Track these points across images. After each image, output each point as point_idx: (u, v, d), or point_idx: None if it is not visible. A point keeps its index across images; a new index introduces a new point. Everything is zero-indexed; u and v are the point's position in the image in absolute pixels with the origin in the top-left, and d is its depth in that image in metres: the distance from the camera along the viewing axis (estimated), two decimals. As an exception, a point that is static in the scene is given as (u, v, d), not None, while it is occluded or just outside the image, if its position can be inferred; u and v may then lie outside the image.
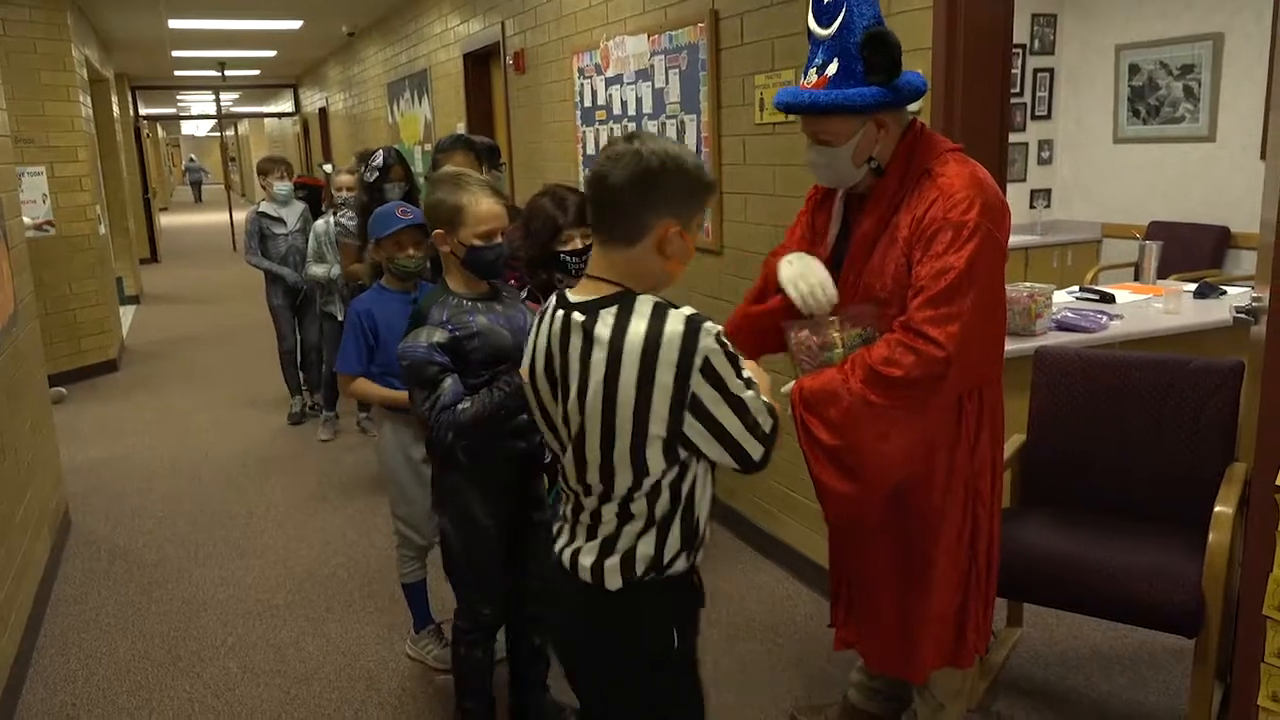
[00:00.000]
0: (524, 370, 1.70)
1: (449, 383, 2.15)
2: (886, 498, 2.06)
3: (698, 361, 1.49)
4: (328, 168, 5.21)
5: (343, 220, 4.55)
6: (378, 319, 2.86)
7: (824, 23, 1.95)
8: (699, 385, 1.50)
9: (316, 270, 5.01)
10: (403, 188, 4.19)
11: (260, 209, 5.47)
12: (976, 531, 2.13)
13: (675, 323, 1.49)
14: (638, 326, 1.50)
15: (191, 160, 33.83)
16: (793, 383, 2.05)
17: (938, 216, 1.91)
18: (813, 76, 1.98)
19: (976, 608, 2.16)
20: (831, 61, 1.94)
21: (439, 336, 2.15)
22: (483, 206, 2.21)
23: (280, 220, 5.41)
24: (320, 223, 5.01)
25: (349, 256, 4.50)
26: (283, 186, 5.44)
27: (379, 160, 4.22)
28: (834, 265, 2.14)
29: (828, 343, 2.04)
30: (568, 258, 2.60)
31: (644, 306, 1.52)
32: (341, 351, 2.88)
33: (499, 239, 2.24)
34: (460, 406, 2.14)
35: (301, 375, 5.88)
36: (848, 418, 1.94)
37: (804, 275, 2.08)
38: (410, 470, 2.88)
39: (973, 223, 1.88)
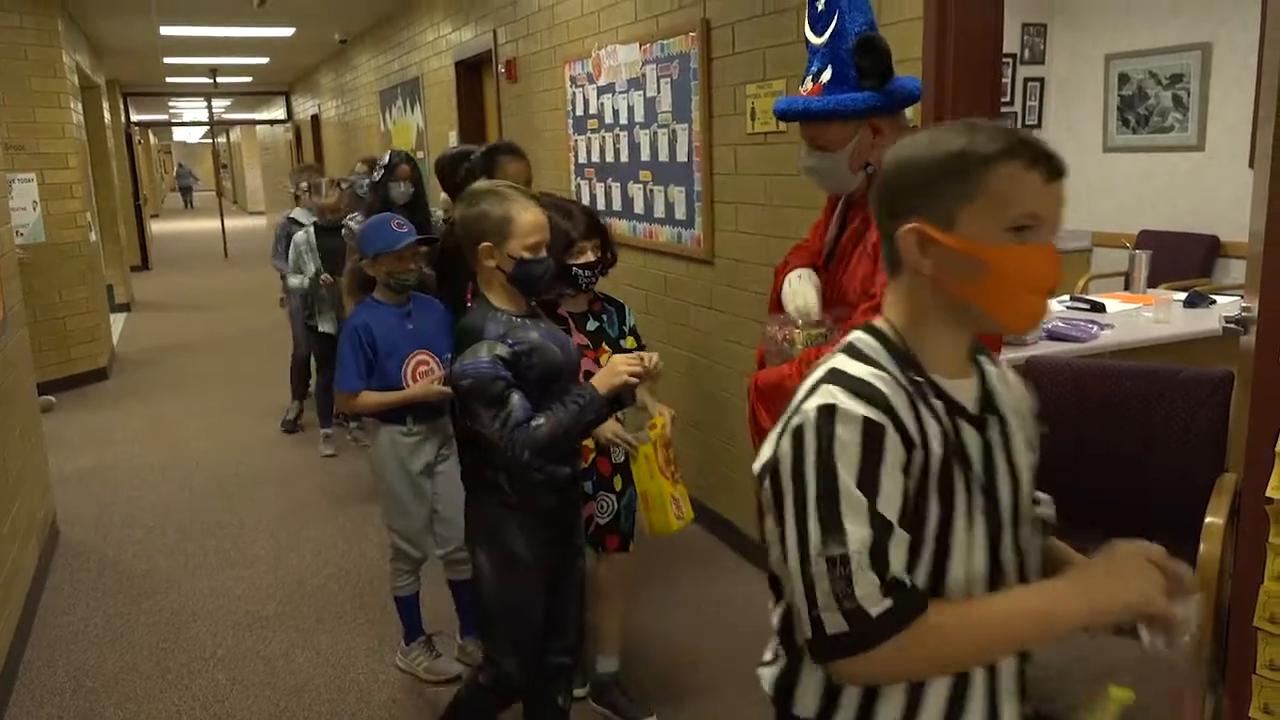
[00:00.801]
0: None
1: (517, 398, 2.00)
2: None
3: None
4: (344, 184, 5.16)
5: (349, 224, 4.50)
6: (375, 333, 2.80)
7: (818, 30, 1.99)
8: None
9: (295, 281, 4.98)
10: (410, 189, 4.15)
11: (292, 215, 5.52)
12: None
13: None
14: None
15: (181, 166, 33.85)
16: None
17: None
18: (809, 84, 2.01)
19: None
20: (826, 68, 1.97)
21: (501, 350, 2.00)
22: (530, 217, 2.09)
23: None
24: (301, 234, 4.99)
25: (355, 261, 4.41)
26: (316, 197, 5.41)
27: (385, 160, 4.20)
28: (827, 268, 2.19)
29: (789, 338, 2.10)
30: (579, 270, 2.53)
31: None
32: (341, 369, 2.81)
33: (544, 251, 2.13)
34: (535, 423, 1.99)
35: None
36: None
37: (796, 294, 2.13)
38: (407, 482, 2.84)
39: None
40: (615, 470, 2.64)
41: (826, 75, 1.97)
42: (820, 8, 1.98)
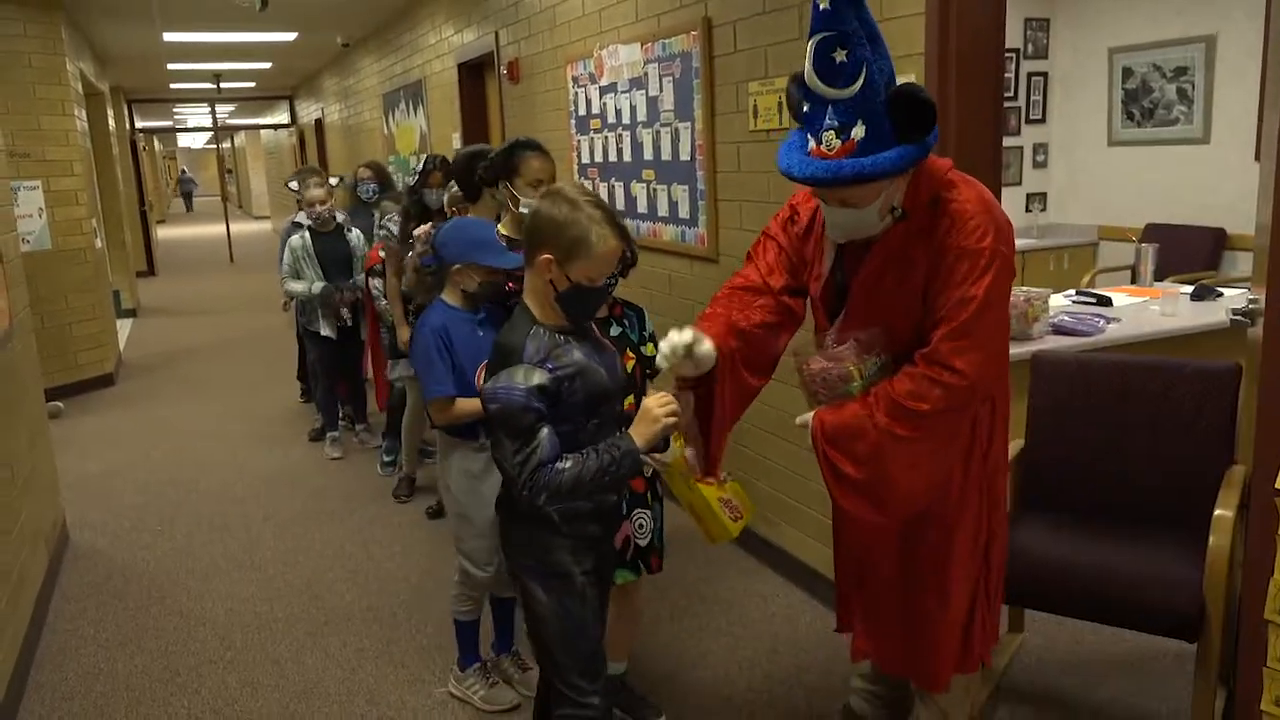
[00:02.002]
0: None
1: (545, 434, 1.83)
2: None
3: None
4: (334, 180, 5.12)
5: (387, 224, 4.46)
6: (453, 338, 2.60)
7: (839, 84, 1.79)
8: None
9: (296, 287, 4.93)
10: (443, 194, 4.10)
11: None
12: (992, 537, 2.14)
13: None
14: None
15: (183, 172, 34.57)
16: (810, 414, 2.03)
17: (955, 245, 1.89)
18: (834, 141, 1.81)
19: (983, 613, 2.16)
20: (855, 124, 1.79)
21: (539, 379, 1.83)
22: (608, 249, 1.87)
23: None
24: (296, 238, 4.94)
25: (395, 263, 4.28)
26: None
27: (420, 165, 4.21)
28: (833, 297, 2.11)
29: (845, 375, 1.99)
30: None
31: None
32: (427, 375, 2.60)
33: (609, 279, 1.93)
34: (559, 466, 1.83)
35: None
36: (875, 452, 1.93)
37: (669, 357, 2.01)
38: (480, 503, 2.65)
39: (989, 250, 1.88)
40: (649, 486, 2.52)
41: (858, 131, 1.79)
42: (839, 59, 1.77)
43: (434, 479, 4.75)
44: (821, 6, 1.78)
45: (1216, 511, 2.31)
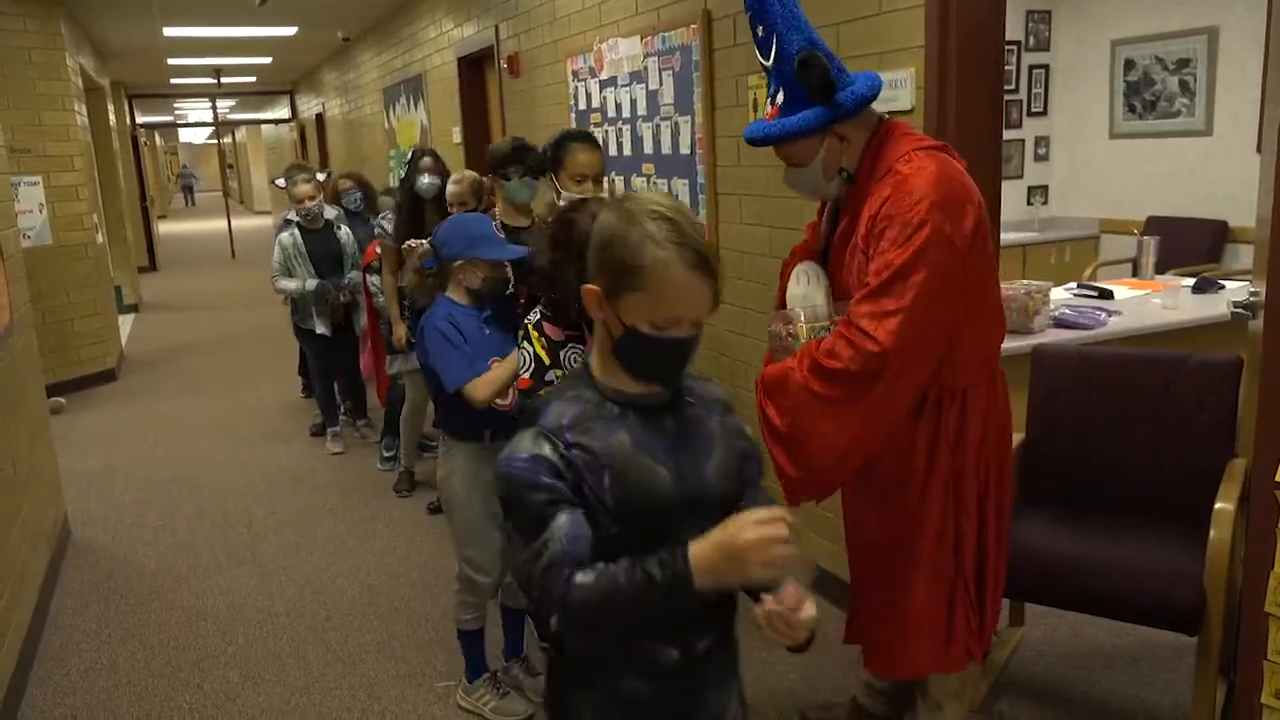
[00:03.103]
0: None
1: (564, 522, 1.28)
2: (865, 498, 2.15)
3: None
4: (321, 176, 5.09)
5: (382, 223, 4.44)
6: (462, 331, 2.54)
7: (764, 54, 2.03)
8: None
9: (288, 285, 4.86)
10: (436, 182, 4.10)
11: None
12: (961, 538, 2.12)
13: None
14: None
15: (184, 167, 35.10)
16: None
17: (887, 214, 1.94)
18: (769, 107, 2.07)
19: (965, 612, 2.15)
20: (779, 90, 2.03)
21: (543, 450, 1.30)
22: (673, 276, 1.28)
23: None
24: (285, 235, 4.88)
25: (391, 260, 4.27)
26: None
27: (409, 157, 4.19)
28: (825, 265, 2.21)
29: (793, 333, 2.10)
30: None
31: None
32: (446, 367, 2.51)
33: (689, 328, 1.34)
34: (579, 578, 1.26)
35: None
36: (794, 404, 2.01)
37: (805, 296, 2.15)
38: (484, 505, 2.60)
39: (918, 219, 1.89)
40: None
41: (780, 97, 2.03)
42: (760, 34, 2.01)
43: (434, 474, 4.75)
44: None
45: (1217, 505, 2.31)
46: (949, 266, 1.91)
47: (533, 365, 2.24)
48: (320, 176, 5.01)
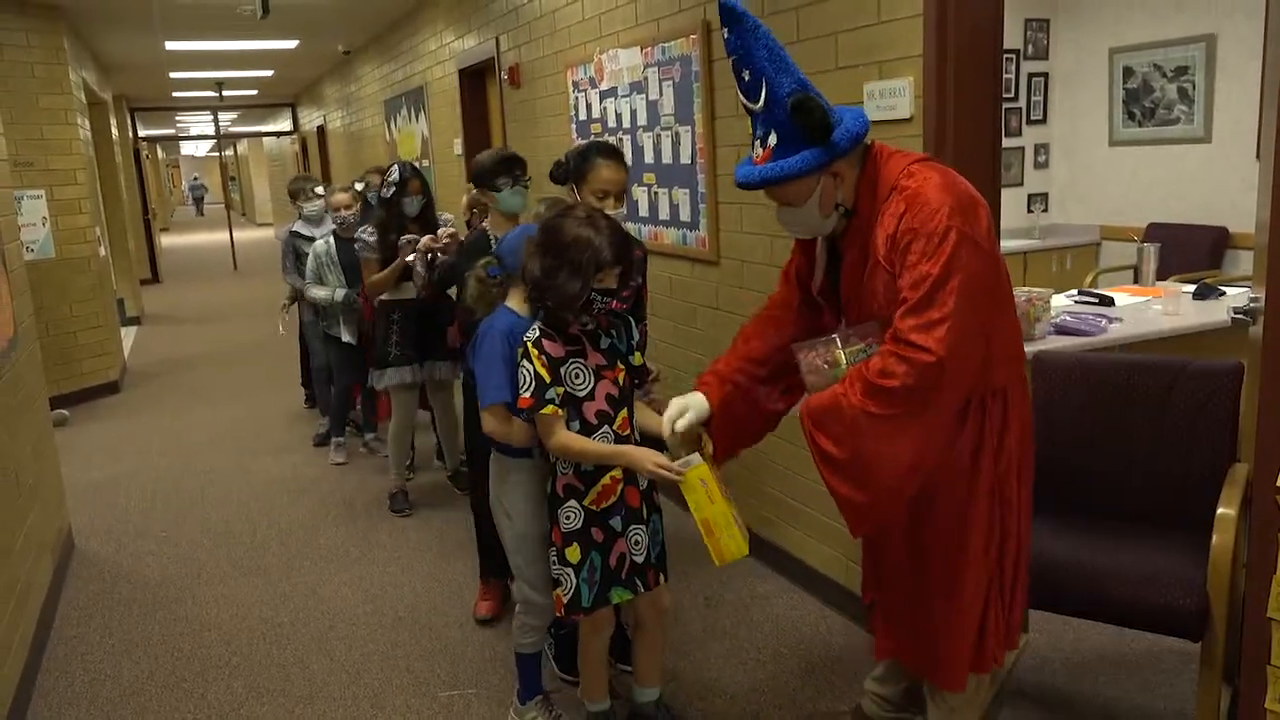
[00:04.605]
0: None
1: None
2: (908, 504, 2.09)
3: None
4: (357, 185, 5.11)
5: (363, 236, 4.45)
6: (516, 344, 2.43)
7: (753, 99, 2.01)
8: None
9: (318, 293, 4.89)
10: (421, 201, 4.19)
11: (294, 228, 5.42)
12: (1005, 538, 2.14)
13: None
14: None
15: (195, 179, 36.01)
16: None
17: (909, 228, 1.95)
18: (759, 150, 2.05)
19: (997, 613, 2.16)
20: (769, 133, 2.02)
21: None
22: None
23: (312, 239, 5.25)
24: (320, 243, 4.93)
25: (371, 273, 4.28)
26: (313, 206, 5.37)
27: (394, 175, 4.18)
28: (832, 296, 2.24)
29: (833, 360, 2.07)
30: (597, 296, 2.22)
31: None
32: (486, 377, 2.41)
33: None
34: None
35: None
36: (851, 430, 1.97)
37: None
38: (539, 518, 2.49)
39: (942, 226, 1.91)
40: (644, 500, 2.39)
41: (772, 139, 2.02)
42: (747, 78, 2.00)
43: (428, 487, 4.76)
44: (726, 35, 1.99)
45: (1219, 510, 2.31)
46: (979, 266, 1.93)
47: (533, 384, 2.24)
48: (358, 186, 5.03)
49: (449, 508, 4.46)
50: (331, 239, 4.92)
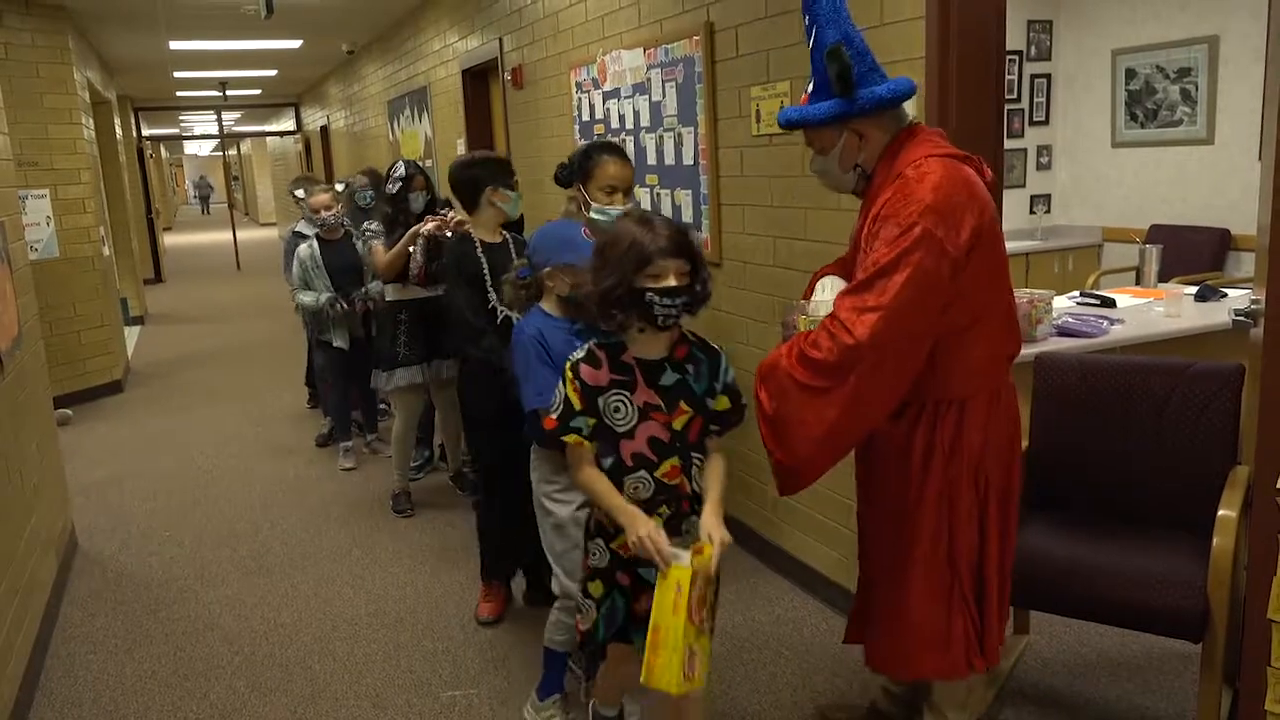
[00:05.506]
0: None
1: None
2: (860, 489, 2.23)
3: None
4: (338, 186, 5.10)
5: (370, 227, 4.43)
6: (549, 344, 2.41)
7: (808, 43, 2.10)
8: None
9: (305, 299, 4.83)
10: (425, 198, 4.19)
11: (298, 229, 5.38)
12: (954, 546, 2.14)
13: None
14: None
15: (201, 178, 36.64)
16: None
17: (885, 214, 1.99)
18: (804, 94, 2.16)
19: (964, 623, 2.16)
20: (811, 80, 2.12)
21: None
22: None
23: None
24: (304, 248, 4.86)
25: (379, 256, 4.23)
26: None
27: (400, 171, 4.17)
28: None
29: (793, 323, 2.16)
30: (655, 297, 1.94)
31: None
32: (530, 386, 2.39)
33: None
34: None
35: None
36: (779, 389, 2.06)
37: (822, 304, 2.17)
38: (572, 504, 2.49)
39: (910, 220, 1.92)
40: (596, 574, 2.17)
41: (810, 85, 2.12)
42: (806, 21, 2.10)
43: (430, 488, 4.77)
44: None
45: (1220, 512, 2.31)
46: (934, 270, 1.92)
47: (561, 408, 2.06)
48: (339, 187, 4.99)
49: (451, 509, 4.47)
50: (315, 243, 4.87)
